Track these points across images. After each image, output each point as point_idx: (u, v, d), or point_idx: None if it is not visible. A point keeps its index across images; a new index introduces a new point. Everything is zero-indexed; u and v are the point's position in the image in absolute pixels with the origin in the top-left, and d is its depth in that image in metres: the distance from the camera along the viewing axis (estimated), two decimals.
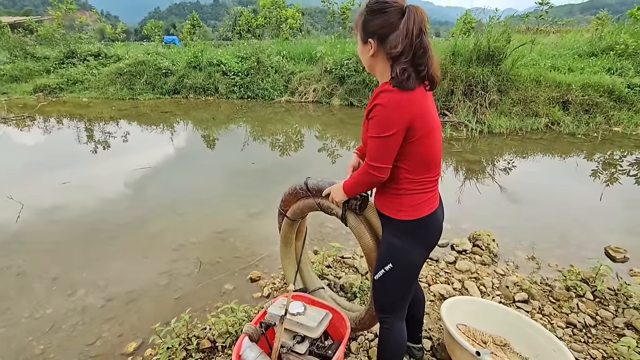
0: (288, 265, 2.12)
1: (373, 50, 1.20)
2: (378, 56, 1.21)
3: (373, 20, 1.17)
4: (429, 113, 1.19)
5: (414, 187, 1.26)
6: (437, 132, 1.23)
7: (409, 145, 1.19)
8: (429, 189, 1.29)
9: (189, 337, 1.95)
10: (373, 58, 1.22)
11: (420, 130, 1.17)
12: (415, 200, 1.27)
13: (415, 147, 1.19)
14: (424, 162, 1.23)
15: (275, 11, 17.40)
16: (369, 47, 1.20)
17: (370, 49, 1.20)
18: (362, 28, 1.21)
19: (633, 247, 3.02)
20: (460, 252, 2.94)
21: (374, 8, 1.17)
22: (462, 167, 5.12)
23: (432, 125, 1.20)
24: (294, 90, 10.31)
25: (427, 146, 1.20)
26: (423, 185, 1.27)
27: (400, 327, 1.44)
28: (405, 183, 1.25)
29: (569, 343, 2.00)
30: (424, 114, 1.17)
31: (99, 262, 2.85)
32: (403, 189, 1.26)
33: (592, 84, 7.41)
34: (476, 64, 7.51)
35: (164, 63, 11.15)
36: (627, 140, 6.34)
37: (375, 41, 1.18)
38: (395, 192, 1.28)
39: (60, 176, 4.64)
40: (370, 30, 1.18)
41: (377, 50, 1.19)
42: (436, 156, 1.25)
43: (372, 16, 1.17)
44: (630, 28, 9.71)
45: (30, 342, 2.07)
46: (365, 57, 1.25)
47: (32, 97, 10.62)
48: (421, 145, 1.19)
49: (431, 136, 1.20)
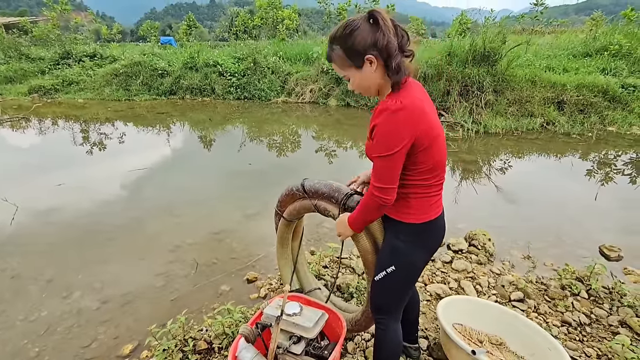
0: (284, 265, 2.12)
1: (375, 63, 1.14)
2: (379, 70, 1.17)
3: (355, 39, 1.12)
4: (431, 122, 1.17)
5: (422, 190, 1.26)
6: (440, 137, 1.23)
7: (415, 157, 1.19)
8: (435, 192, 1.30)
9: (185, 339, 1.94)
10: (377, 73, 1.17)
11: (424, 141, 1.16)
12: (423, 203, 1.28)
13: (421, 157, 1.19)
14: (430, 168, 1.23)
15: (272, 12, 17.38)
16: (369, 64, 1.14)
17: (371, 64, 1.14)
18: (350, 54, 1.16)
19: (627, 245, 3.05)
20: (457, 252, 2.96)
21: (346, 32, 1.13)
22: (459, 167, 5.15)
23: (435, 132, 1.19)
24: (290, 90, 10.31)
25: (433, 153, 1.20)
26: (430, 189, 1.27)
27: (395, 328, 1.44)
28: (412, 187, 1.26)
29: (564, 341, 2.01)
30: (427, 126, 1.15)
31: (94, 264, 2.83)
32: (411, 193, 1.27)
33: (586, 84, 7.47)
34: (472, 64, 7.55)
35: (160, 64, 11.10)
36: (621, 140, 6.40)
37: (371, 53, 1.12)
38: (403, 196, 1.28)
39: (56, 178, 4.61)
40: (360, 47, 1.12)
41: (378, 61, 1.14)
42: (442, 161, 1.26)
43: (350, 37, 1.13)
44: (624, 29, 9.79)
45: (25, 345, 2.06)
46: (370, 78, 1.18)
47: (27, 99, 10.52)
48: (426, 154, 1.19)
49: (435, 143, 1.20)
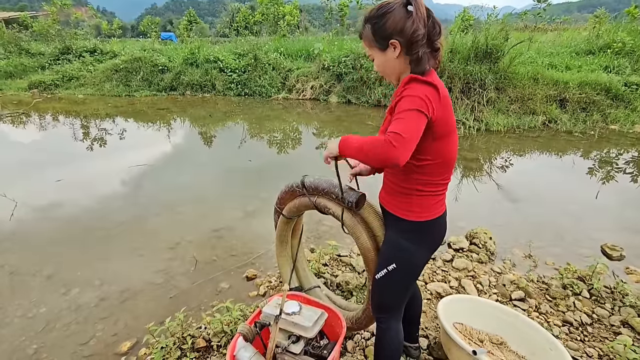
0: (284, 263, 2.11)
1: (398, 49, 1.15)
2: (402, 56, 1.17)
3: (385, 21, 1.14)
4: (450, 115, 1.18)
5: (427, 188, 1.25)
6: (454, 134, 1.22)
7: (427, 143, 1.16)
8: (439, 191, 1.28)
9: (183, 336, 1.93)
10: (399, 60, 1.18)
11: (440, 128, 1.15)
12: (427, 202, 1.27)
13: (429, 147, 1.17)
14: (438, 163, 1.21)
15: (273, 8, 17.30)
16: (392, 48, 1.16)
17: (395, 49, 1.15)
18: (378, 35, 1.17)
19: (629, 245, 3.03)
20: (457, 250, 2.94)
21: (380, 12, 1.15)
22: (460, 165, 5.12)
23: (451, 127, 1.18)
24: (291, 87, 10.26)
25: (443, 148, 1.19)
26: (435, 188, 1.26)
27: (396, 327, 1.43)
28: (417, 184, 1.24)
29: (566, 341, 2.00)
30: (447, 114, 1.15)
31: (93, 261, 2.82)
32: (414, 189, 1.25)
33: (589, 82, 7.42)
34: (474, 61, 7.50)
35: (161, 60, 11.06)
36: (623, 138, 6.36)
37: (397, 39, 1.13)
38: (407, 192, 1.27)
39: (55, 174, 4.59)
40: (387, 31, 1.14)
41: (401, 48, 1.15)
42: (451, 160, 1.24)
43: (382, 19, 1.14)
44: (627, 26, 9.72)
45: (23, 341, 2.05)
46: (391, 63, 1.20)
47: (27, 94, 10.49)
48: (437, 146, 1.17)
49: (449, 138, 1.19)
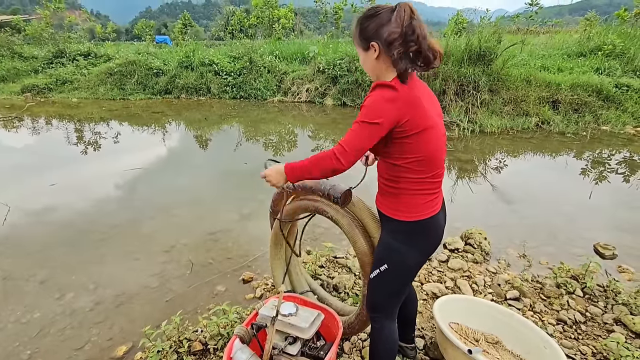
0: (277, 267, 2.09)
1: (377, 51, 1.19)
2: (381, 57, 1.20)
3: (369, 24, 1.19)
4: (425, 111, 1.19)
5: (413, 187, 1.25)
6: (434, 130, 1.22)
7: (401, 142, 1.19)
8: (428, 190, 1.27)
9: (180, 340, 1.92)
10: (377, 61, 1.21)
11: (412, 127, 1.17)
12: (414, 201, 1.26)
13: (408, 144, 1.19)
14: (420, 160, 1.22)
15: (268, 11, 17.31)
16: (372, 50, 1.20)
17: (375, 51, 1.20)
18: (361, 35, 1.23)
19: (621, 244, 3.07)
20: (453, 251, 2.96)
21: (367, 14, 1.21)
22: (455, 166, 5.16)
23: (427, 123, 1.19)
24: (286, 90, 10.27)
25: (423, 143, 1.20)
26: (422, 186, 1.26)
27: (391, 327, 1.44)
28: (404, 182, 1.25)
29: (560, 340, 2.02)
30: (420, 112, 1.17)
31: (88, 265, 2.80)
32: (402, 189, 1.26)
33: (581, 84, 7.52)
34: (468, 64, 7.57)
35: (155, 63, 11.01)
36: (615, 139, 6.44)
37: (376, 41, 1.18)
38: (394, 192, 1.28)
39: (49, 178, 4.56)
40: (369, 34, 1.20)
41: (380, 50, 1.19)
42: (434, 155, 1.24)
43: (367, 21, 1.20)
44: (617, 29, 9.87)
45: (17, 347, 2.03)
46: (370, 63, 1.24)
47: (20, 98, 10.39)
48: (416, 142, 1.19)
49: (426, 133, 1.19)
